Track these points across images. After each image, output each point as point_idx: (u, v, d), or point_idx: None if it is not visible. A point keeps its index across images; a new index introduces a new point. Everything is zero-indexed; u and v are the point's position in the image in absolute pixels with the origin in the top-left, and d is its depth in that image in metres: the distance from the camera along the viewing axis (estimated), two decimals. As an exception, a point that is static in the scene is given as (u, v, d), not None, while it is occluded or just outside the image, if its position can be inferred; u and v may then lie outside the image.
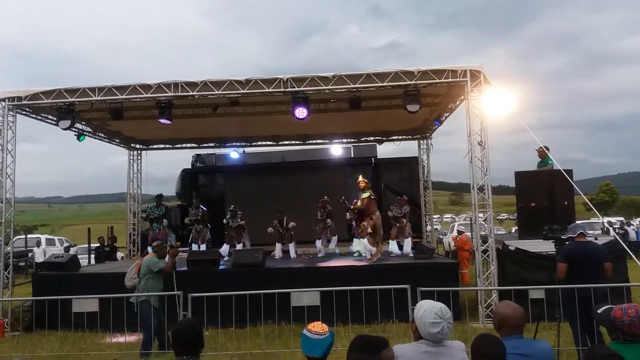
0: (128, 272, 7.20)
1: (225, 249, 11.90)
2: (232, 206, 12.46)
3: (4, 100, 9.65)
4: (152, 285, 6.89)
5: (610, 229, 10.42)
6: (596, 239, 8.75)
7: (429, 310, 2.69)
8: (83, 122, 12.09)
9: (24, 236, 21.55)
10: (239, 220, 12.15)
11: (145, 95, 9.49)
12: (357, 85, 9.21)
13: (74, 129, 11.37)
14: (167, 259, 7.15)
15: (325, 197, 12.13)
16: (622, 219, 31.59)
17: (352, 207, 10.90)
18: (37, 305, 8.38)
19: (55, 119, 10.51)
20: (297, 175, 15.54)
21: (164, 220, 12.71)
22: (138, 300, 6.76)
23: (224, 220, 12.25)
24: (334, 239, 12.17)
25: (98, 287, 8.17)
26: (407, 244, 11.47)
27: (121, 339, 7.17)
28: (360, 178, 10.49)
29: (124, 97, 9.52)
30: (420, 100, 9.39)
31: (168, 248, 7.34)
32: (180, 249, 13.83)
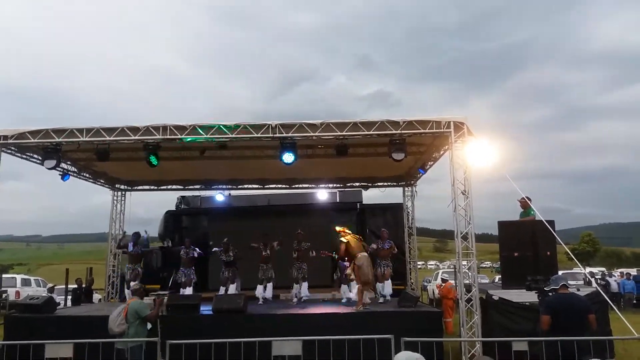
0: (114, 318, 7.02)
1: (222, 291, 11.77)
2: (225, 239, 12.36)
3: (-12, 138, 9.59)
4: (140, 330, 6.85)
5: (592, 280, 10.46)
6: (578, 290, 8.82)
7: None
8: (68, 162, 12.00)
9: (-2, 276, 20.91)
10: (232, 254, 12.05)
11: (133, 138, 9.51)
12: (344, 133, 9.36)
13: (59, 169, 11.30)
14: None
15: (300, 230, 12.11)
16: (603, 269, 31.82)
17: (336, 256, 11.00)
18: (8, 349, 8.05)
19: (40, 158, 10.44)
20: (282, 219, 15.47)
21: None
22: (128, 347, 6.63)
23: (214, 250, 12.17)
24: (305, 285, 11.91)
25: (74, 331, 7.91)
26: (387, 285, 11.43)
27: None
28: (337, 228, 10.68)
29: (111, 138, 9.52)
30: (405, 149, 9.58)
31: (155, 297, 7.30)
32: (160, 292, 13.60)
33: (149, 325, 7.09)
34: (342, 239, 10.29)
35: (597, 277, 21.07)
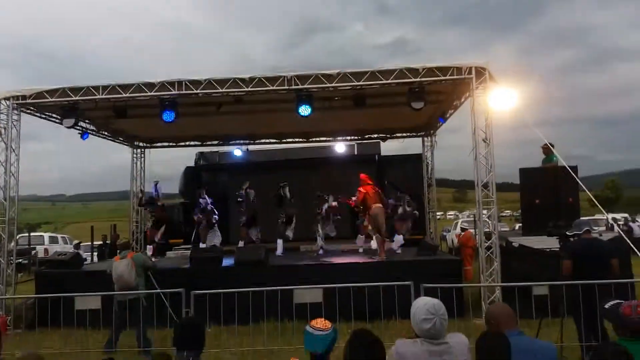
0: (128, 271, 6.95)
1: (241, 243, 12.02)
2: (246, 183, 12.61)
3: (8, 99, 9.67)
4: (145, 281, 7.27)
5: (615, 225, 10.36)
6: (600, 235, 8.73)
7: (421, 307, 2.68)
8: (87, 121, 12.10)
9: (27, 234, 21.61)
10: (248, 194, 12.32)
11: (149, 94, 9.48)
12: (361, 83, 9.17)
13: (78, 127, 11.41)
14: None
15: (319, 192, 12.10)
16: (626, 215, 31.45)
17: (350, 203, 11.06)
18: (40, 302, 8.40)
19: (59, 117, 10.51)
20: (301, 172, 15.51)
21: None
22: (141, 297, 6.89)
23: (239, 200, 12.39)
24: (320, 237, 11.85)
25: (100, 285, 8.18)
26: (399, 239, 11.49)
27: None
28: (361, 175, 10.64)
29: (127, 95, 9.52)
30: (424, 98, 9.36)
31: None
32: (183, 247, 13.92)
33: None
34: (361, 188, 10.30)
35: (619, 222, 20.92)
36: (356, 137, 15.21)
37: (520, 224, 13.71)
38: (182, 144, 15.19)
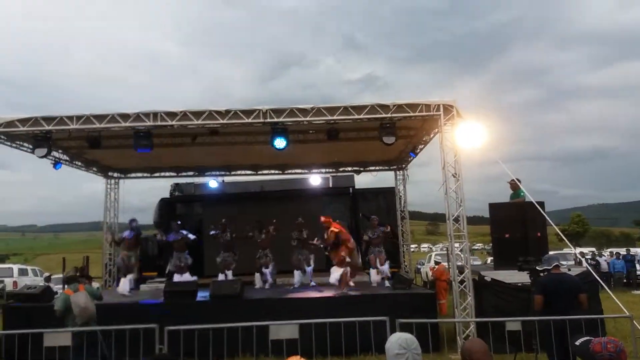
0: (89, 303, 6.93)
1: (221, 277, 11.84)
2: (223, 220, 12.49)
3: (-23, 127, 9.49)
4: None
5: (583, 260, 10.62)
6: (569, 269, 8.95)
7: (394, 343, 2.70)
8: (60, 150, 11.93)
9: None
10: (229, 235, 12.20)
11: (123, 125, 9.44)
12: (334, 117, 9.35)
13: (50, 157, 11.23)
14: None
15: (300, 218, 12.15)
16: (593, 249, 32.12)
17: (322, 245, 11.13)
18: (7, 338, 8.10)
19: (31, 146, 10.36)
20: (276, 204, 15.50)
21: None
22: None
23: (212, 233, 12.35)
24: (309, 269, 12.07)
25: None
26: (383, 270, 11.48)
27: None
28: (322, 219, 10.80)
29: (102, 126, 9.45)
30: (395, 133, 9.60)
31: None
32: (157, 279, 13.63)
33: None
34: (334, 229, 10.40)
35: (587, 257, 21.34)
36: (331, 170, 15.35)
37: (492, 258, 13.91)
38: (157, 174, 15.06)
